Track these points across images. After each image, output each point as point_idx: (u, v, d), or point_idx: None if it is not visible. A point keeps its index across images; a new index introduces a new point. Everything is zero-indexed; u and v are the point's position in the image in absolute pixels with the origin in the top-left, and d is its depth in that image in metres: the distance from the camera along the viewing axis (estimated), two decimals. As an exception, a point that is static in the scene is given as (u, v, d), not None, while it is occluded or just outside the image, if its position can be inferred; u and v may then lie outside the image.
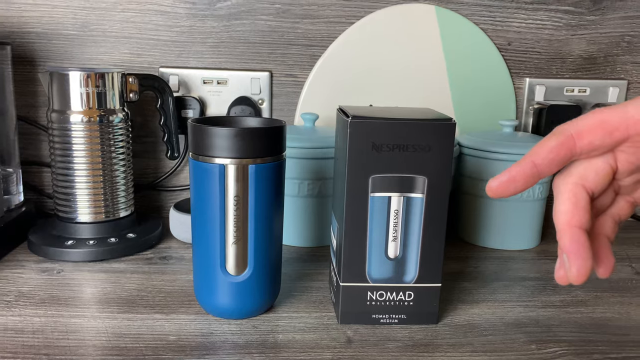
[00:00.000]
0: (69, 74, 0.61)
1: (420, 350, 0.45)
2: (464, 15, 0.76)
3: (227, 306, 0.48)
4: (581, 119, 0.31)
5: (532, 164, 0.31)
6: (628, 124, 0.30)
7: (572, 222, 0.31)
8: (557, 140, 0.31)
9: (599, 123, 0.30)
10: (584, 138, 0.30)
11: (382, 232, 0.47)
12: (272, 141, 0.46)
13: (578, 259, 0.30)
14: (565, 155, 0.31)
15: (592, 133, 0.30)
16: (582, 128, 0.30)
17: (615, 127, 0.30)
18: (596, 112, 0.31)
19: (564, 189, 0.32)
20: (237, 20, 0.74)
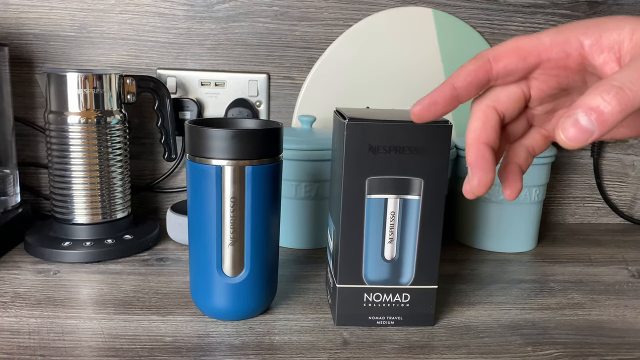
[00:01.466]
0: (67, 75, 0.61)
1: (416, 352, 0.45)
2: (462, 18, 0.77)
3: (224, 307, 0.48)
4: (500, 45, 0.33)
5: (452, 86, 0.33)
6: (540, 50, 0.31)
7: (479, 139, 0.33)
8: (475, 64, 0.32)
9: (514, 48, 0.32)
10: (500, 61, 0.32)
11: (378, 234, 0.47)
12: (269, 143, 0.46)
13: (480, 171, 0.33)
14: (483, 77, 0.33)
15: (507, 57, 0.32)
16: (498, 52, 0.32)
17: (529, 52, 0.31)
18: (514, 39, 0.32)
19: (476, 109, 0.34)
20: (235, 22, 0.74)
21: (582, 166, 0.84)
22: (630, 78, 0.27)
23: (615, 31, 0.30)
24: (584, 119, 0.27)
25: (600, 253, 0.72)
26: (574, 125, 0.27)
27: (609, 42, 0.30)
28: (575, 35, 0.31)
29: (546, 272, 0.65)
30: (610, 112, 0.27)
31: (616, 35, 0.30)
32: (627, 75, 0.27)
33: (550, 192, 0.84)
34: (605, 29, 0.30)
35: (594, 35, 0.30)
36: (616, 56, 0.30)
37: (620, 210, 0.85)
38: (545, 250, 0.72)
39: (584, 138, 0.27)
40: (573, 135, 0.27)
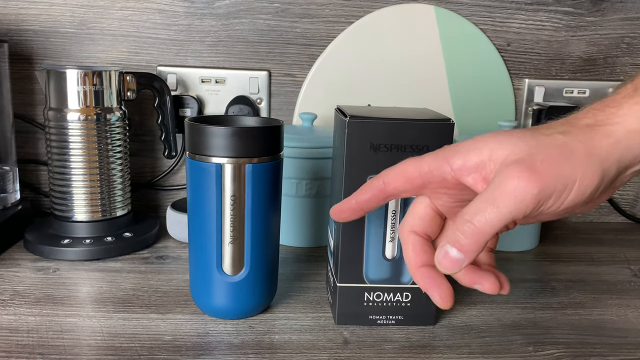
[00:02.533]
0: (66, 72, 0.60)
1: (417, 351, 0.45)
2: (464, 15, 0.76)
3: (224, 306, 0.48)
4: (391, 169, 0.36)
5: (356, 201, 0.37)
6: (421, 174, 0.35)
7: (416, 265, 0.37)
8: (372, 186, 0.37)
9: (400, 172, 0.36)
10: (390, 184, 0.36)
11: (379, 233, 0.47)
12: (270, 141, 0.46)
13: (435, 290, 0.36)
14: (381, 196, 0.37)
15: (396, 180, 0.36)
16: (389, 177, 0.36)
17: (413, 176, 0.35)
18: (402, 163, 0.36)
19: (402, 237, 0.38)
20: (235, 19, 0.74)
21: (585, 165, 0.83)
22: (477, 210, 0.31)
23: (476, 153, 0.33)
24: (453, 251, 0.32)
25: (602, 252, 0.71)
26: (445, 257, 0.32)
27: (472, 165, 0.33)
28: (445, 159, 0.34)
29: (548, 271, 0.64)
30: (468, 244, 0.31)
31: (477, 157, 0.33)
32: (474, 208, 0.31)
33: (552, 191, 0.83)
34: (468, 151, 0.33)
35: (460, 160, 0.33)
36: (482, 176, 0.33)
37: (622, 209, 0.85)
38: (547, 249, 0.72)
39: (457, 266, 0.32)
40: (447, 265, 0.32)
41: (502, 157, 0.32)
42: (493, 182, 0.31)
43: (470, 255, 0.31)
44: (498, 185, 0.31)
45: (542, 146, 0.31)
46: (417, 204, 0.38)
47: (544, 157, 0.31)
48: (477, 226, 0.31)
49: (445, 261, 0.32)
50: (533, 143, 0.31)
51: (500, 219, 0.30)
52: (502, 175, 0.31)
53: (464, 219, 0.31)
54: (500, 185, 0.30)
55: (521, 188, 0.30)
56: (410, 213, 0.38)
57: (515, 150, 0.32)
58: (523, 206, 0.30)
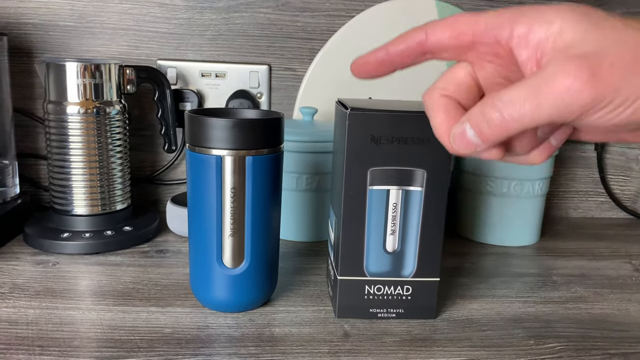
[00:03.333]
0: (66, 65, 0.60)
1: (418, 344, 0.45)
2: (465, 9, 0.76)
3: (224, 299, 0.48)
4: (441, 19, 0.31)
5: (386, 50, 0.32)
6: (474, 30, 0.29)
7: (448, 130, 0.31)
8: (407, 39, 0.31)
9: (449, 24, 0.30)
10: (434, 35, 0.31)
11: (380, 226, 0.47)
12: (270, 133, 0.46)
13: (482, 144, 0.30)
14: (417, 50, 0.31)
15: (442, 31, 0.30)
16: (435, 26, 0.31)
17: (463, 30, 0.30)
18: (455, 15, 0.31)
19: (431, 102, 0.33)
20: (236, 12, 0.73)
21: (586, 160, 0.83)
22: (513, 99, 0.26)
23: (545, 25, 0.27)
24: (470, 132, 0.28)
25: (603, 247, 0.71)
26: (461, 136, 0.28)
27: (535, 38, 0.28)
28: (509, 21, 0.28)
29: (549, 265, 0.64)
30: (489, 134, 0.27)
31: (544, 30, 0.27)
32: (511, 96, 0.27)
33: (554, 186, 0.83)
34: (537, 20, 0.27)
35: (525, 26, 0.28)
36: (537, 56, 0.28)
37: (623, 204, 0.85)
38: (548, 244, 0.72)
39: (470, 149, 0.28)
40: (460, 145, 0.29)
41: (567, 41, 0.26)
42: (544, 71, 0.26)
43: (488, 144, 0.28)
44: (548, 78, 0.26)
45: (620, 42, 0.26)
46: (455, 68, 0.33)
47: (615, 59, 0.25)
48: (506, 119, 0.26)
49: (459, 140, 0.28)
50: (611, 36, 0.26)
51: (536, 120, 0.26)
52: (556, 67, 0.26)
53: (494, 105, 0.27)
54: (550, 79, 0.26)
55: (573, 92, 0.25)
56: (444, 77, 0.33)
57: (584, 38, 0.26)
58: (567, 112, 0.26)
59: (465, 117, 0.28)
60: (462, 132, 0.28)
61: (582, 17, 0.27)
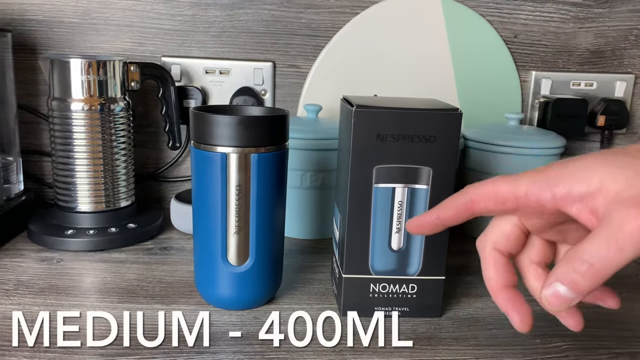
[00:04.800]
0: (70, 62, 0.60)
1: (423, 343, 0.45)
2: (470, 6, 0.76)
3: (228, 297, 0.47)
4: (481, 185, 0.35)
5: (437, 216, 0.36)
6: (517, 198, 0.33)
7: (498, 285, 0.36)
8: (458, 203, 0.35)
9: (492, 194, 0.34)
10: (480, 203, 0.34)
11: (385, 224, 0.46)
12: (275, 130, 0.46)
13: (516, 313, 0.35)
14: (465, 215, 0.35)
15: (486, 201, 0.34)
16: (478, 196, 0.35)
17: (507, 198, 0.33)
18: (493, 182, 0.34)
19: (483, 255, 0.37)
20: (240, 9, 0.73)
21: (591, 158, 0.83)
22: (600, 252, 0.29)
23: (585, 182, 0.30)
24: (563, 289, 0.30)
25: (608, 246, 0.71)
26: (556, 295, 0.30)
27: (579, 194, 0.31)
28: (548, 187, 0.32)
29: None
30: (586, 285, 0.29)
31: (585, 187, 0.30)
32: (594, 248, 0.29)
33: (558, 184, 0.83)
34: (575, 180, 0.31)
35: (565, 188, 0.31)
36: (588, 207, 0.31)
37: (628, 202, 0.84)
38: (553, 242, 0.71)
39: (565, 304, 0.31)
40: (555, 303, 0.31)
41: (615, 191, 0.30)
42: (612, 221, 0.29)
43: (582, 295, 0.30)
44: (620, 226, 0.29)
45: None
46: (503, 220, 0.36)
47: None
48: (598, 268, 0.29)
49: (554, 300, 0.31)
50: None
51: (623, 262, 0.29)
52: (621, 215, 0.29)
53: (582, 260, 0.29)
54: (622, 226, 0.28)
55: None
56: (494, 228, 0.36)
57: (629, 184, 0.29)
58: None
59: (553, 278, 0.31)
60: (555, 292, 0.31)
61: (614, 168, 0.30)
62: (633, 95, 0.81)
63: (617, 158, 0.31)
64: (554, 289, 0.31)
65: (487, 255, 0.36)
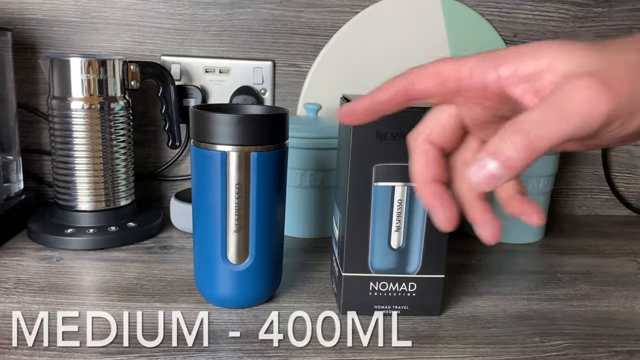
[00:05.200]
0: (70, 60, 0.60)
1: (423, 341, 0.45)
2: (470, 5, 0.76)
3: (228, 295, 0.48)
4: (421, 67, 0.32)
5: (372, 100, 0.33)
6: (459, 77, 0.30)
7: (426, 179, 0.32)
8: (397, 85, 0.32)
9: (434, 73, 0.31)
10: (420, 84, 0.31)
11: (385, 222, 0.46)
12: (275, 129, 0.46)
13: (440, 208, 0.32)
14: (403, 98, 0.32)
15: (427, 81, 0.31)
16: (418, 77, 0.31)
17: (448, 78, 0.30)
18: (437, 62, 0.31)
19: (414, 147, 0.33)
20: (240, 8, 0.73)
21: (591, 157, 0.83)
22: (538, 120, 0.26)
23: (532, 61, 0.28)
24: (492, 164, 0.26)
25: (608, 245, 0.71)
26: (480, 170, 0.26)
27: (525, 73, 0.28)
28: (493, 66, 0.29)
29: (554, 263, 0.64)
30: (518, 157, 0.26)
31: (532, 65, 0.28)
32: (536, 117, 0.26)
33: (558, 183, 0.83)
34: (522, 59, 0.28)
35: (510, 66, 0.29)
36: (534, 87, 0.28)
37: (628, 202, 0.84)
38: (553, 241, 0.72)
39: (493, 182, 0.27)
40: (481, 179, 0.27)
41: (566, 68, 0.27)
42: (559, 91, 0.26)
43: (513, 172, 0.26)
44: (565, 95, 0.26)
45: (616, 62, 0.27)
46: (439, 110, 0.33)
47: (618, 76, 0.26)
48: (533, 139, 0.26)
49: (479, 174, 0.26)
50: (606, 57, 0.27)
51: (563, 135, 0.26)
52: (569, 85, 0.26)
53: (517, 128, 0.26)
54: (569, 95, 0.26)
55: (592, 102, 0.25)
56: (429, 120, 0.34)
57: (584, 62, 0.27)
58: (590, 123, 0.26)
59: (482, 153, 0.27)
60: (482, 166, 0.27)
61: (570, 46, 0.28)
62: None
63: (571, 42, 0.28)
64: (482, 164, 0.27)
65: (417, 147, 0.33)
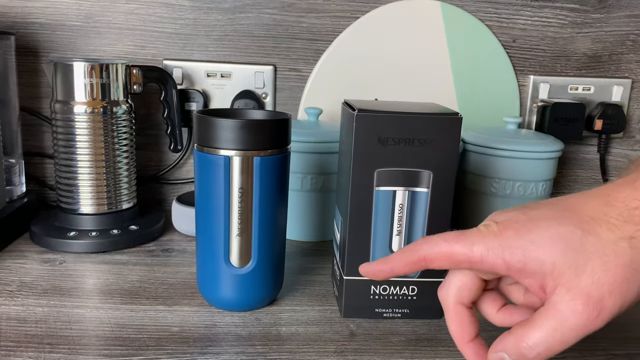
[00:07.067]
0: (73, 65, 0.61)
1: (423, 344, 0.45)
2: (469, 11, 0.76)
3: (231, 298, 0.48)
4: (435, 244, 0.34)
5: (391, 269, 0.37)
6: (471, 262, 0.33)
7: (465, 339, 0.36)
8: (412, 259, 0.35)
9: (447, 255, 0.34)
10: (434, 262, 0.35)
11: (386, 226, 0.47)
12: (278, 134, 0.46)
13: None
14: (419, 268, 0.36)
15: (440, 261, 0.34)
16: (432, 255, 0.34)
17: (461, 261, 0.34)
18: (447, 241, 0.34)
19: (447, 309, 0.37)
20: (241, 13, 0.74)
21: (589, 162, 0.84)
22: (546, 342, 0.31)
23: (537, 264, 0.32)
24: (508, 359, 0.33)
25: (606, 248, 0.71)
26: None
27: (532, 272, 0.32)
28: (502, 258, 0.32)
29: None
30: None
31: (537, 268, 0.32)
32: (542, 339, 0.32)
33: (557, 188, 0.84)
34: (529, 258, 0.32)
35: (518, 264, 0.32)
36: (539, 284, 0.32)
37: (626, 206, 0.85)
38: (551, 245, 0.72)
39: None
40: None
41: (565, 278, 0.31)
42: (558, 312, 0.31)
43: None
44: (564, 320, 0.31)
45: (608, 268, 0.31)
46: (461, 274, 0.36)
47: (611, 287, 0.31)
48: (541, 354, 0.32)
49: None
50: (598, 263, 0.31)
51: (564, 349, 0.32)
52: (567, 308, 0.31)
53: (528, 345, 0.32)
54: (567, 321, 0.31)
55: (589, 325, 0.31)
56: (454, 280, 0.36)
57: (579, 273, 0.31)
58: (586, 334, 0.31)
59: (501, 347, 0.33)
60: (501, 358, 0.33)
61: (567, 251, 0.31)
62: (630, 99, 0.82)
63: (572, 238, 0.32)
64: (500, 356, 0.33)
65: (450, 310, 0.37)
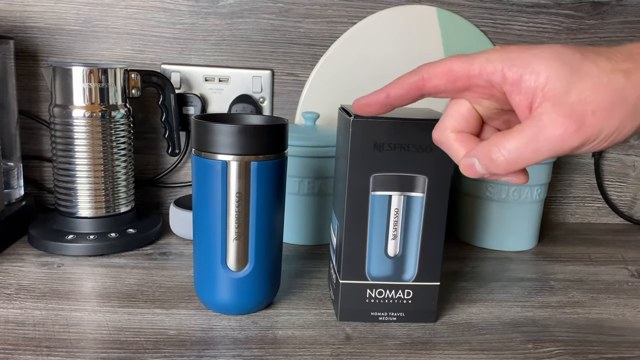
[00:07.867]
0: (72, 69, 0.61)
1: (418, 347, 0.46)
2: (465, 17, 0.77)
3: (227, 302, 0.48)
4: (436, 64, 0.34)
5: (386, 94, 0.36)
6: (469, 76, 0.33)
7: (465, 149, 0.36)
8: (410, 79, 0.35)
9: (446, 70, 0.34)
10: (431, 81, 0.34)
11: (382, 231, 0.47)
12: (275, 138, 0.47)
13: None
14: (415, 93, 0.35)
15: (438, 78, 0.34)
16: (430, 74, 0.34)
17: (459, 76, 0.33)
18: (449, 60, 0.34)
19: (446, 142, 0.36)
20: (239, 18, 0.74)
21: (583, 166, 0.84)
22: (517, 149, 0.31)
23: (534, 76, 0.31)
24: (478, 165, 0.33)
25: (600, 252, 0.72)
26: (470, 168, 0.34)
27: (526, 86, 0.31)
28: (501, 69, 0.32)
29: (547, 270, 0.65)
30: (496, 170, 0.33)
31: (533, 80, 0.31)
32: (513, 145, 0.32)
33: (551, 192, 0.84)
34: (526, 70, 0.31)
35: (516, 74, 0.32)
36: (528, 101, 0.32)
37: (620, 210, 0.86)
38: (546, 249, 0.73)
39: (477, 176, 0.34)
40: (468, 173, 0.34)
41: (555, 92, 0.30)
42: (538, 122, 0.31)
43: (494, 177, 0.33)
44: (543, 128, 0.30)
45: (598, 90, 0.30)
46: (457, 104, 0.36)
47: (596, 107, 0.30)
48: (511, 162, 0.32)
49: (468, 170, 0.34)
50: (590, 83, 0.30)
51: (534, 161, 0.31)
52: (549, 118, 0.30)
53: (499, 151, 0.32)
54: (544, 130, 0.30)
55: (565, 139, 0.30)
56: (449, 115, 0.36)
57: (568, 89, 0.30)
58: (560, 152, 0.31)
59: (473, 152, 0.33)
60: (471, 165, 0.34)
61: (564, 66, 0.31)
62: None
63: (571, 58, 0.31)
64: (471, 163, 0.34)
65: (444, 139, 0.36)
